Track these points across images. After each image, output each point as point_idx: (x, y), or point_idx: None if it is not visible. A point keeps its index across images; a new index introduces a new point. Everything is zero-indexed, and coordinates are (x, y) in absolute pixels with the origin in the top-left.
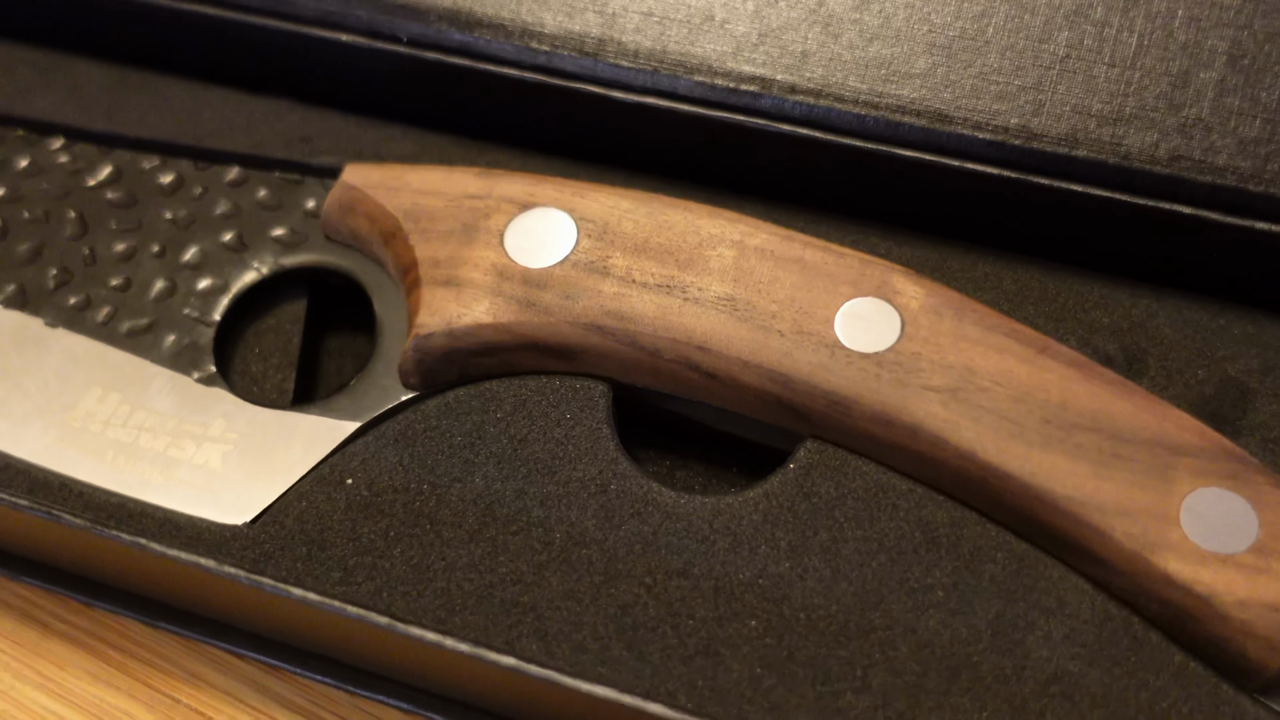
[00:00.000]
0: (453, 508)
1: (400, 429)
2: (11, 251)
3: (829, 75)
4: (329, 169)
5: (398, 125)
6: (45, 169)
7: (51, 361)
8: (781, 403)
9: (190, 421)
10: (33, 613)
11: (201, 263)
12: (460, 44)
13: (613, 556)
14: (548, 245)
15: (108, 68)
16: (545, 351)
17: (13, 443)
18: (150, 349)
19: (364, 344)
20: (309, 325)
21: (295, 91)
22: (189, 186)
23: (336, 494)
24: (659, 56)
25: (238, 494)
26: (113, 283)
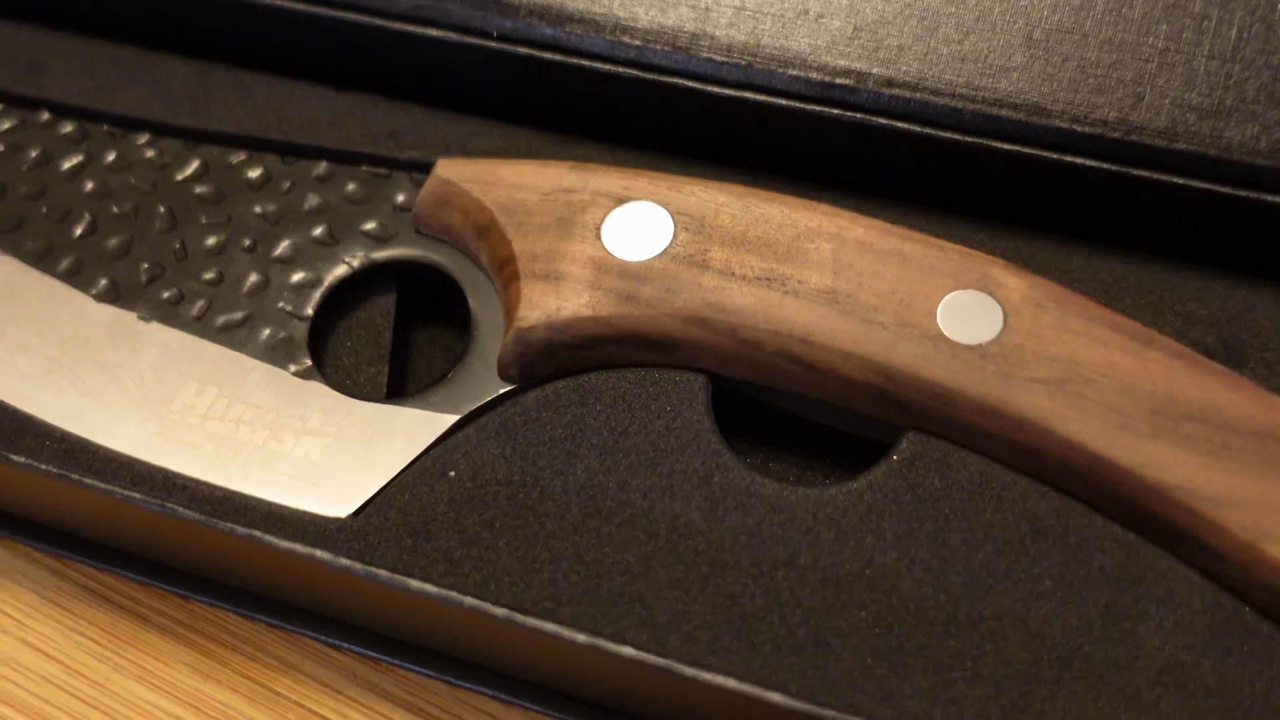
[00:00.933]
0: (556, 500)
1: (500, 422)
2: (101, 246)
3: (925, 69)
4: (417, 164)
5: (484, 120)
6: (132, 164)
7: (147, 355)
8: (883, 395)
9: (288, 415)
10: (129, 606)
11: (293, 257)
12: (551, 39)
13: (718, 547)
14: (645, 239)
15: (192, 63)
16: (644, 344)
17: (112, 436)
18: (245, 343)
19: (452, 338)
20: (399, 319)
21: (381, 86)
22: (277, 181)
23: (439, 486)
24: (752, 51)
25: (339, 486)
26: (205, 277)
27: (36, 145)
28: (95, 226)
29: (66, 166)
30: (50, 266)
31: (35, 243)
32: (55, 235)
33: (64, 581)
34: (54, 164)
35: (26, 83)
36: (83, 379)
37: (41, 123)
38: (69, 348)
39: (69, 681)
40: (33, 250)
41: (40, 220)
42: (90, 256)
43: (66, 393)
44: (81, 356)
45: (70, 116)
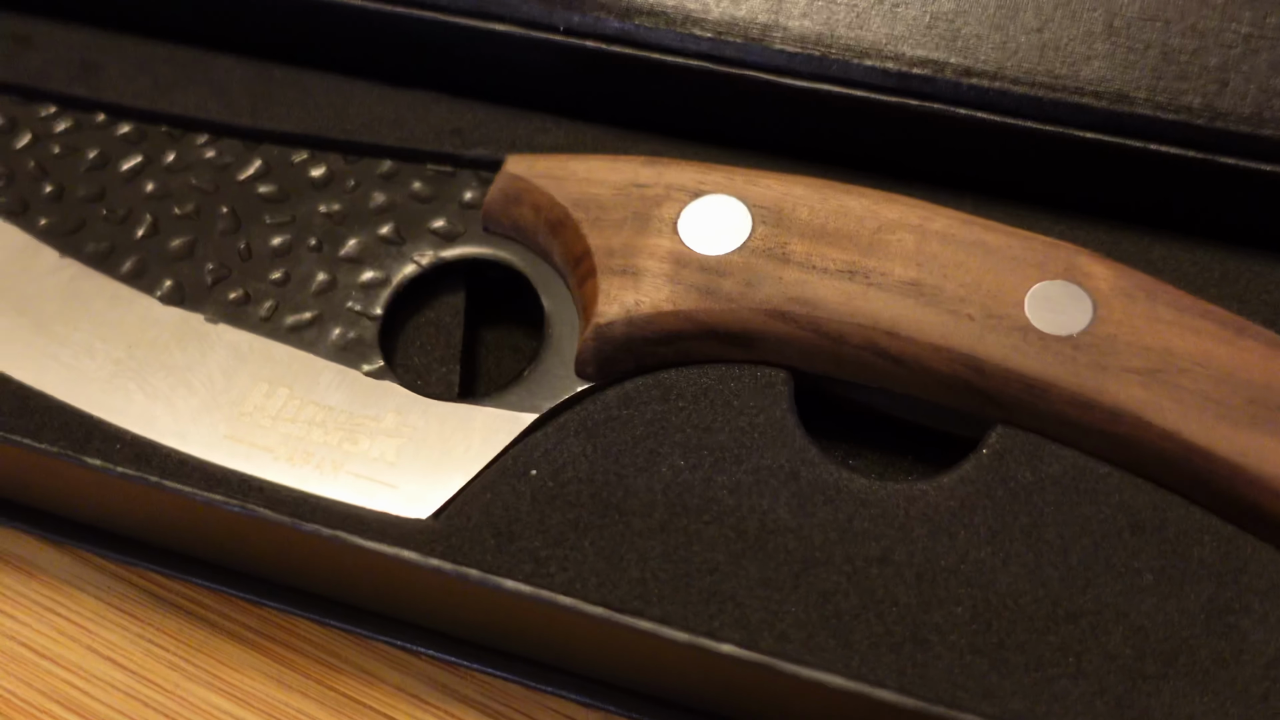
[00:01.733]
0: (641, 498)
1: (580, 420)
2: (165, 248)
3: (1004, 58)
4: (483, 160)
5: (549, 116)
6: (192, 164)
7: (216, 357)
8: (972, 388)
9: (362, 415)
10: (198, 612)
11: (360, 256)
12: (619, 32)
13: (809, 544)
14: (723, 232)
15: (249, 63)
16: (725, 339)
17: (182, 439)
18: (314, 343)
19: (521, 336)
20: (468, 318)
21: (443, 83)
22: (341, 180)
23: (521, 486)
24: (827, 41)
25: (417, 487)
26: (271, 277)
27: (94, 147)
28: (157, 228)
29: (125, 168)
30: (113, 269)
31: (97, 245)
32: (117, 237)
33: (130, 588)
34: (112, 165)
35: (81, 84)
36: (150, 382)
37: (98, 124)
38: (135, 351)
39: (138, 689)
40: (94, 253)
41: (100, 223)
42: (153, 258)
43: (134, 396)
44: (148, 359)
45: (127, 118)
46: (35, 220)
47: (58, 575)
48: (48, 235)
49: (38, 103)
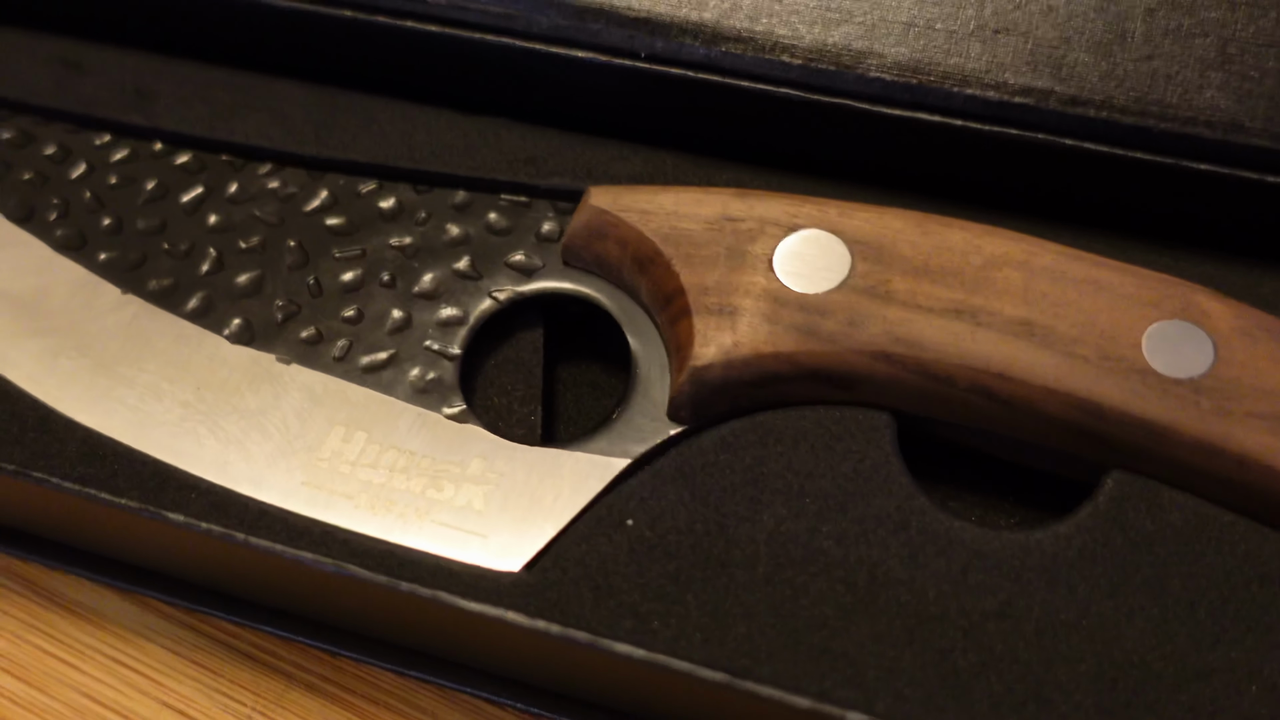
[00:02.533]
0: (743, 548)
1: (676, 466)
2: (230, 283)
3: (1110, 86)
4: (559, 190)
5: (626, 143)
6: (256, 195)
7: (289, 400)
8: (1087, 432)
9: (445, 461)
10: (272, 662)
11: (436, 292)
12: (704, 59)
13: (922, 598)
14: (820, 269)
15: (311, 88)
16: (826, 381)
17: (257, 486)
18: (392, 384)
19: (598, 372)
20: (546, 354)
21: (514, 110)
22: (411, 211)
23: (617, 536)
24: (924, 69)
25: (507, 538)
26: (344, 315)
27: (152, 177)
28: (222, 262)
29: (186, 199)
30: (177, 306)
31: (159, 281)
32: (180, 273)
33: (201, 638)
34: (172, 196)
35: (136, 111)
36: (221, 426)
37: (155, 153)
38: (204, 393)
39: None
40: (157, 290)
41: (162, 257)
42: (219, 295)
43: (206, 441)
44: (219, 402)
45: (186, 146)
46: (94, 255)
47: (125, 625)
48: (108, 270)
49: (91, 130)
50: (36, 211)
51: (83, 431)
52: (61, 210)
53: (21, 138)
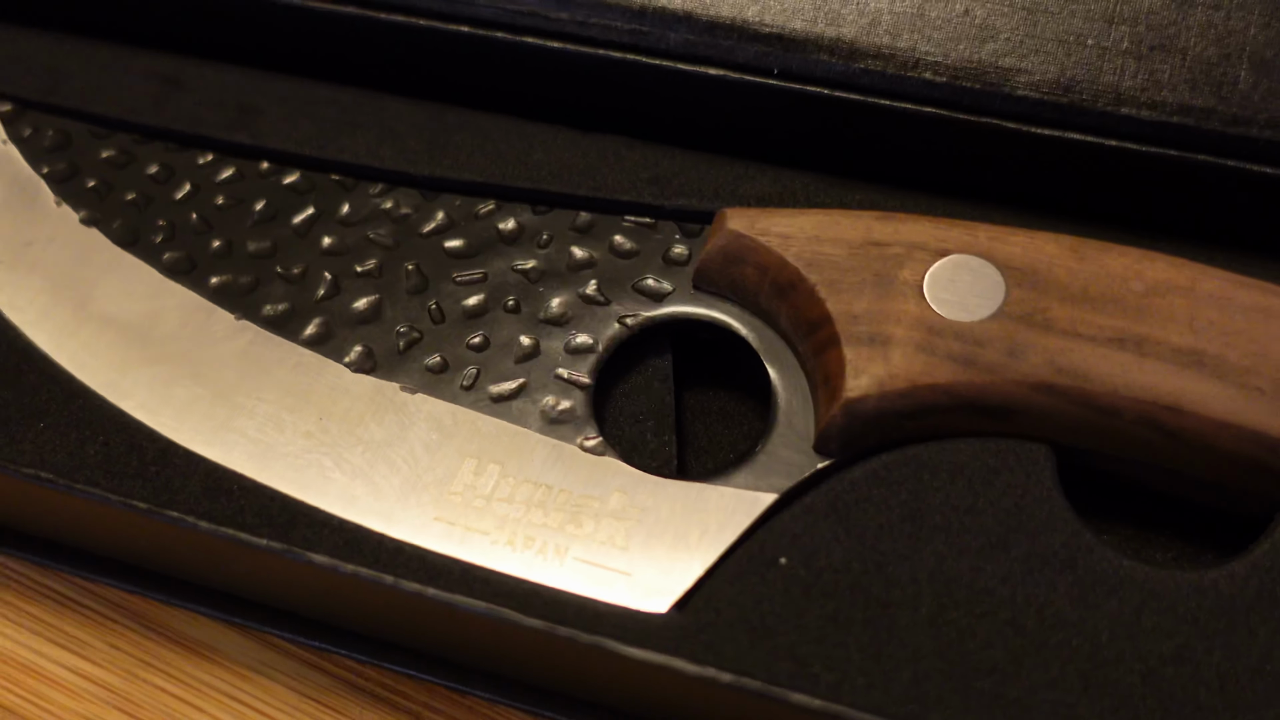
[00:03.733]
0: (904, 588)
1: (828, 501)
2: (348, 309)
3: (1276, 105)
4: (685, 212)
5: (752, 162)
6: (369, 217)
7: (416, 431)
8: (1261, 466)
9: (584, 495)
10: (399, 702)
11: (563, 317)
12: (842, 76)
13: (1094, 641)
14: (974, 296)
15: (421, 105)
16: (983, 412)
17: (388, 522)
18: (523, 415)
19: (727, 399)
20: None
21: (634, 128)
22: (532, 233)
23: (771, 575)
24: (1077, 87)
25: (653, 576)
26: (470, 342)
27: (260, 197)
28: (338, 286)
29: (297, 220)
30: (294, 333)
31: (274, 306)
32: (295, 297)
33: (323, 676)
34: (282, 218)
35: (240, 129)
36: (347, 458)
37: (262, 172)
38: (327, 423)
39: None
40: (272, 315)
41: (275, 281)
42: (337, 321)
43: (332, 474)
44: (342, 433)
45: (292, 165)
46: (205, 279)
47: (244, 662)
48: (219, 295)
49: (194, 149)
50: (142, 234)
51: (205, 465)
52: (168, 233)
53: (122, 157)
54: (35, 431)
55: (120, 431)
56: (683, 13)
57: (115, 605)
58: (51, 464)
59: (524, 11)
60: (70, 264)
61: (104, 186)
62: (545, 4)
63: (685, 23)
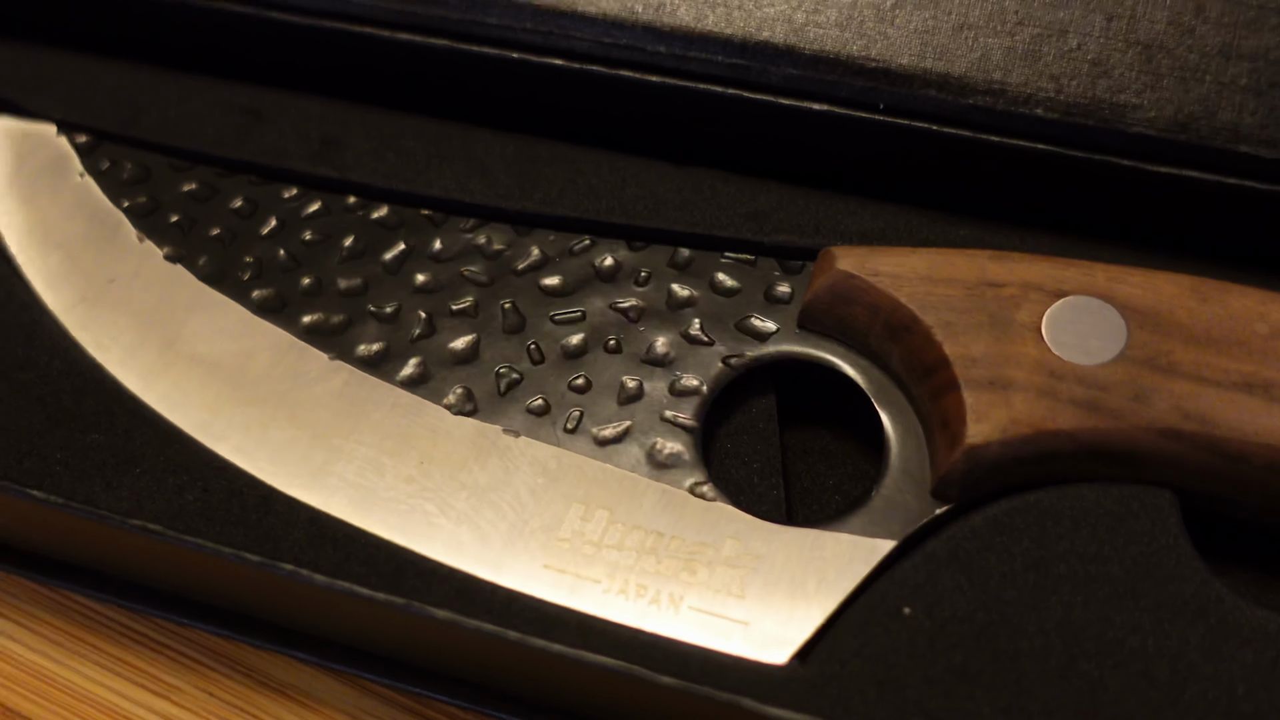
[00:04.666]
0: (1031, 639)
1: (949, 549)
2: (444, 349)
3: None
4: (786, 248)
5: (852, 197)
6: (461, 253)
7: (521, 476)
8: None
9: (696, 542)
10: None
11: (667, 358)
12: (954, 112)
13: (1231, 694)
14: (1095, 339)
15: (508, 138)
16: (1107, 459)
17: (496, 570)
18: (629, 458)
19: (828, 438)
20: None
21: (731, 162)
22: (630, 270)
23: (894, 625)
24: (1197, 125)
25: (771, 626)
26: (573, 383)
27: (349, 233)
28: (433, 325)
29: (388, 257)
30: (390, 374)
31: (368, 346)
32: (389, 337)
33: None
34: (371, 254)
35: (324, 162)
36: (450, 504)
37: (348, 206)
38: (429, 467)
39: None
40: (366, 355)
41: (368, 320)
42: (434, 361)
43: (437, 520)
44: (445, 477)
45: (379, 199)
46: (296, 317)
47: (341, 708)
48: (312, 335)
49: (278, 183)
50: (228, 271)
51: (308, 512)
52: (256, 269)
53: (205, 190)
54: (132, 477)
55: (218, 477)
56: (785, 47)
57: (207, 649)
58: (150, 511)
59: (621, 45)
60: (156, 301)
61: (187, 221)
62: (643, 37)
63: (788, 57)
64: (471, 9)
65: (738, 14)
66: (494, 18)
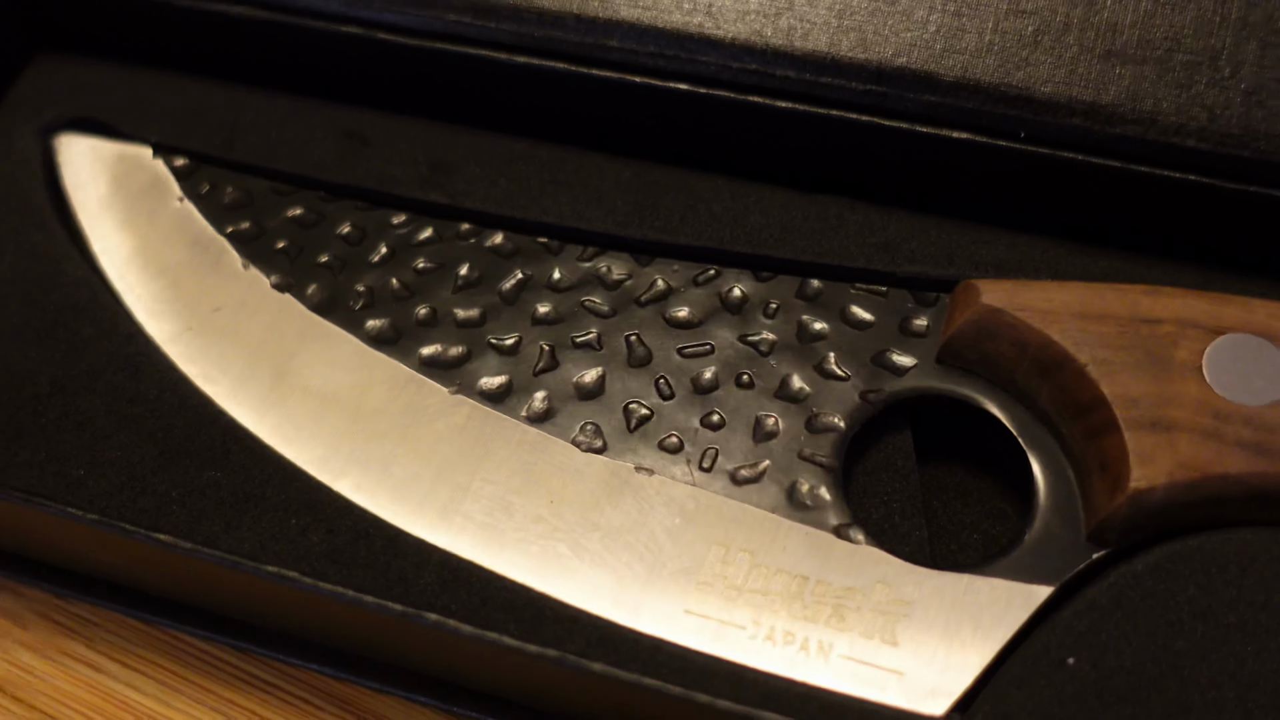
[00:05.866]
0: (1204, 691)
1: (1111, 596)
2: (568, 383)
3: None
4: (920, 279)
5: (984, 226)
6: (581, 283)
7: (656, 516)
8: None
9: (843, 587)
10: None
11: (802, 394)
12: (1099, 141)
13: None
14: (1258, 379)
15: (624, 163)
16: (1275, 503)
17: (637, 615)
18: (768, 498)
19: (962, 474)
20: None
21: (860, 190)
22: (758, 302)
23: (1058, 676)
24: None
25: (927, 675)
26: (706, 419)
27: (462, 261)
28: (556, 358)
29: (505, 287)
30: (513, 408)
31: (489, 379)
32: (512, 370)
33: None
34: (487, 283)
35: (434, 187)
36: (583, 545)
37: (461, 233)
38: (559, 507)
39: None
40: (488, 390)
41: (488, 352)
42: (558, 395)
43: (570, 562)
44: (576, 517)
45: (493, 226)
46: (412, 349)
47: None
48: (430, 368)
49: (384, 209)
50: (339, 300)
51: (438, 555)
52: (368, 299)
53: (310, 216)
54: (252, 517)
55: (342, 516)
56: (924, 74)
57: (318, 690)
58: (274, 553)
59: (749, 70)
60: (264, 332)
61: (294, 248)
62: (772, 62)
63: (928, 84)
64: (592, 32)
65: (873, 39)
66: (616, 40)
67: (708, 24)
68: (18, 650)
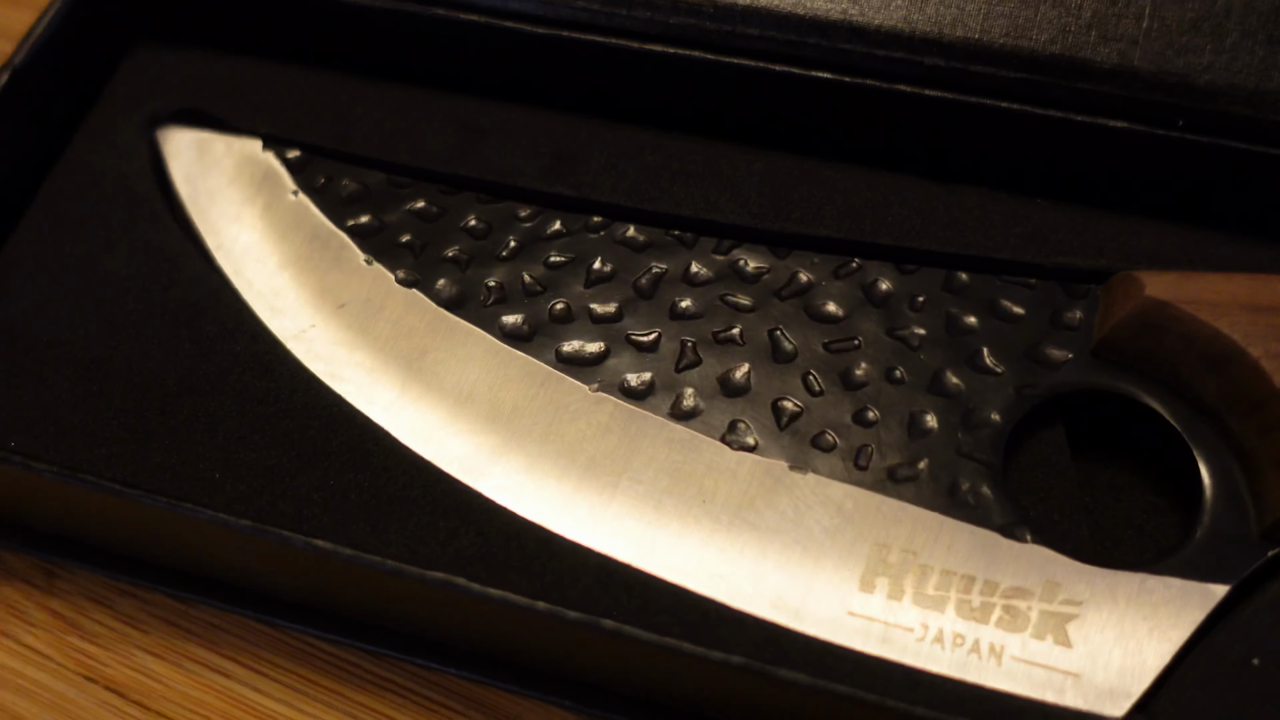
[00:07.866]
0: None
1: None
2: (712, 379)
3: None
4: (1071, 271)
5: (1129, 215)
6: (719, 276)
7: (814, 515)
8: None
9: (1012, 587)
10: None
11: (958, 389)
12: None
13: None
14: None
15: (757, 154)
16: None
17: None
18: (929, 496)
19: (1116, 470)
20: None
21: (997, 179)
22: (903, 295)
23: (1245, 678)
24: None
25: (1104, 677)
26: (856, 416)
27: (594, 255)
28: (698, 354)
29: (641, 281)
30: (657, 406)
31: (631, 376)
32: (654, 366)
33: None
34: (622, 278)
35: (559, 179)
36: (738, 546)
37: (590, 226)
38: (711, 507)
39: None
40: (630, 387)
41: (626, 348)
42: (704, 392)
43: (727, 564)
44: (730, 517)
45: (624, 219)
46: (548, 345)
47: None
48: (569, 365)
49: (509, 201)
50: (469, 295)
51: (593, 558)
52: (499, 294)
53: (432, 209)
54: (398, 520)
55: (490, 519)
56: (1079, 61)
57: (456, 694)
58: (425, 558)
59: (896, 58)
60: (392, 329)
61: (418, 243)
62: (921, 49)
63: (1082, 72)
64: (730, 19)
65: (1026, 26)
66: (755, 28)
67: (852, 11)
68: (140, 655)
